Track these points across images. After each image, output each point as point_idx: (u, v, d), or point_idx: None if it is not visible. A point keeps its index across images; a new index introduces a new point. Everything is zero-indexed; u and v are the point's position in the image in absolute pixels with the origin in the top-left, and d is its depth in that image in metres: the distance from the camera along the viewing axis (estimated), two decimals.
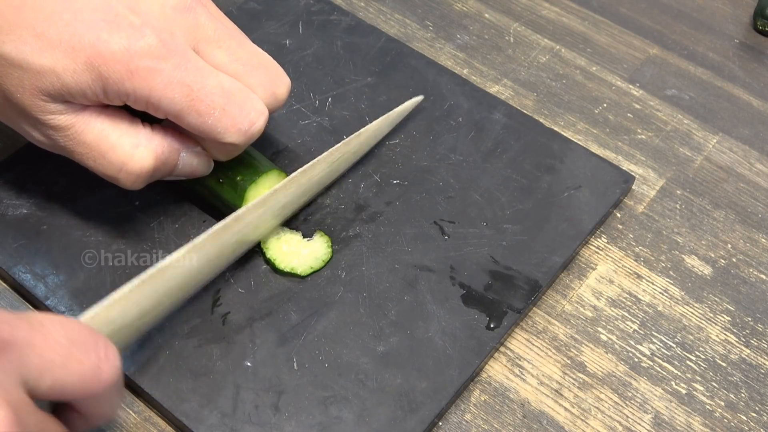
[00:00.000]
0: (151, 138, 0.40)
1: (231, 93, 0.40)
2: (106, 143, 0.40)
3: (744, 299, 0.48)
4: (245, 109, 0.41)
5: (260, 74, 0.42)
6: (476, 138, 0.52)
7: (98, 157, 0.40)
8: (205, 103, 0.39)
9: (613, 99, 0.57)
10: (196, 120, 0.39)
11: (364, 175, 0.50)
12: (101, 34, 0.37)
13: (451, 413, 0.42)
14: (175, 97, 0.38)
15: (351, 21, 0.58)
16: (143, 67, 0.37)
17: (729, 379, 0.44)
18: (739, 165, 0.54)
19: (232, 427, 0.39)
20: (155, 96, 0.38)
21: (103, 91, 0.38)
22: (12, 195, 0.47)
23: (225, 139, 0.41)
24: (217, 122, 0.40)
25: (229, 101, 0.40)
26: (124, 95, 0.38)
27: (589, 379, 0.44)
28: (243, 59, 0.42)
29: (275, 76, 0.43)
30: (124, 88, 0.38)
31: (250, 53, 0.42)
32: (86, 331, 0.33)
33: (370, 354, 0.42)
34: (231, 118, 0.40)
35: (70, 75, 0.37)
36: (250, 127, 0.41)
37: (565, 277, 0.48)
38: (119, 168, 0.40)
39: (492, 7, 0.63)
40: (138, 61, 0.37)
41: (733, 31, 0.63)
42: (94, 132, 0.40)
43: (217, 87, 0.40)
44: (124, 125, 0.40)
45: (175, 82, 0.38)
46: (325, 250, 0.45)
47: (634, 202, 0.51)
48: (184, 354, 0.41)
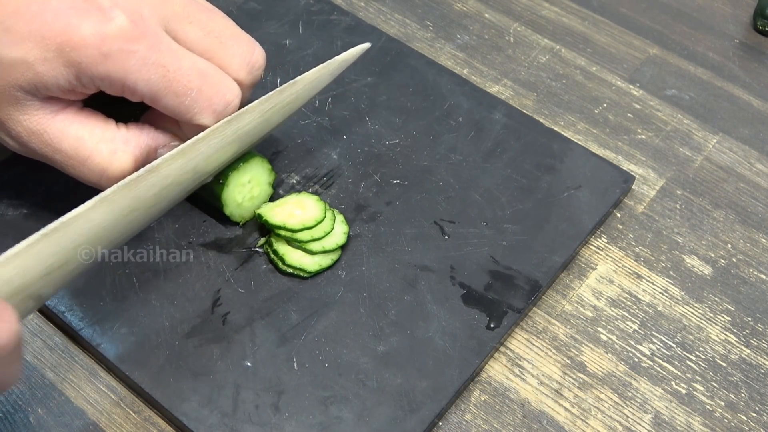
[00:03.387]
0: (127, 141, 0.40)
1: (206, 74, 0.40)
2: (84, 151, 0.40)
3: (744, 299, 0.48)
4: (221, 90, 0.40)
5: (235, 45, 0.42)
6: (476, 138, 0.52)
7: (78, 166, 0.40)
8: (182, 83, 0.39)
9: (613, 99, 0.57)
10: (173, 101, 0.39)
11: (364, 175, 0.50)
12: (71, 21, 0.37)
13: (451, 413, 0.42)
14: (152, 78, 0.38)
15: (351, 21, 0.58)
16: (116, 50, 0.37)
17: (729, 379, 0.44)
18: (739, 165, 0.54)
19: (232, 427, 0.39)
20: (131, 78, 0.38)
21: (77, 77, 0.37)
22: (12, 195, 0.47)
23: (200, 120, 0.40)
24: (194, 103, 0.40)
25: (205, 82, 0.40)
26: (98, 79, 0.38)
27: (589, 379, 0.44)
28: (216, 32, 0.41)
29: (250, 46, 0.43)
30: (98, 72, 0.37)
31: (222, 25, 0.42)
32: None
33: (370, 354, 0.42)
34: (207, 99, 0.40)
35: (42, 64, 0.37)
36: (225, 107, 0.41)
37: (565, 277, 0.48)
38: (100, 175, 0.40)
39: (492, 7, 0.63)
40: (111, 44, 0.37)
41: (733, 31, 0.63)
42: (70, 139, 0.39)
43: (193, 68, 0.39)
44: (99, 130, 0.40)
45: (150, 63, 0.38)
46: (343, 228, 0.46)
47: (634, 202, 0.52)
48: (184, 354, 0.41)
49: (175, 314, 0.43)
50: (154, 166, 0.39)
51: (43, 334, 0.43)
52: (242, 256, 0.45)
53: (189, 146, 0.40)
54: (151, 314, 0.43)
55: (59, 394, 0.41)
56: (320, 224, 0.45)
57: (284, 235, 0.44)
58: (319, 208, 0.45)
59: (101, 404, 0.41)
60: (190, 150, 0.41)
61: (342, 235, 0.45)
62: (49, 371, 0.42)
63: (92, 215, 0.37)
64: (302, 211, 0.45)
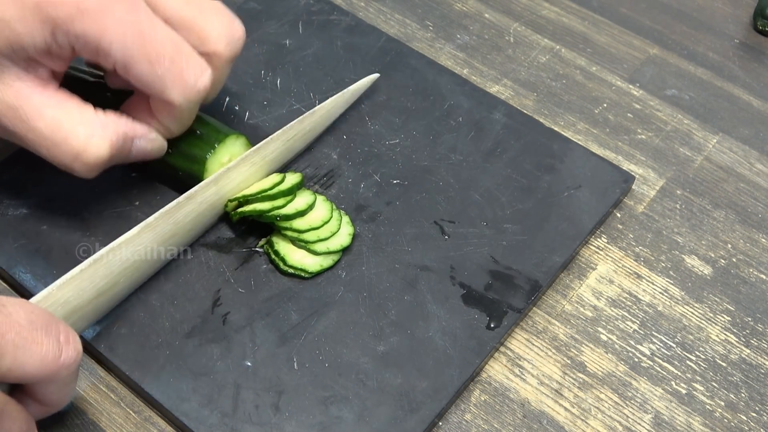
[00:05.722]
0: (105, 126, 0.40)
1: (179, 46, 0.40)
2: (60, 132, 0.39)
3: (744, 299, 0.48)
4: (191, 65, 0.40)
5: (214, 16, 0.42)
6: (476, 138, 0.52)
7: (52, 147, 0.40)
8: (156, 50, 0.39)
9: (613, 99, 0.57)
10: (146, 68, 0.39)
11: (364, 175, 0.50)
12: None
13: (451, 413, 0.42)
14: (127, 40, 0.38)
15: (351, 21, 0.58)
16: (94, 8, 0.37)
17: (729, 379, 0.44)
18: (739, 165, 0.54)
19: (233, 427, 0.39)
20: (107, 38, 0.38)
21: (52, 33, 0.37)
22: (12, 195, 0.47)
23: (170, 95, 0.40)
24: (166, 72, 0.39)
25: (178, 53, 0.40)
26: (73, 37, 0.38)
27: (589, 379, 0.44)
28: (195, 2, 0.42)
29: (230, 18, 0.43)
30: (74, 29, 0.37)
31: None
32: (47, 315, 0.33)
33: (371, 354, 0.42)
34: (179, 71, 0.40)
35: (19, 21, 0.37)
36: (195, 81, 0.40)
37: (565, 277, 0.48)
38: (74, 158, 0.40)
39: (492, 7, 0.63)
40: (89, 2, 0.37)
41: (733, 31, 0.63)
42: (47, 119, 0.39)
43: (167, 37, 0.40)
44: (77, 113, 0.40)
45: (127, 24, 0.38)
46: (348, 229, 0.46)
47: (634, 202, 0.52)
48: (185, 354, 0.41)
49: (175, 314, 0.43)
50: (191, 194, 0.42)
51: None
52: (242, 256, 0.45)
53: (221, 174, 0.43)
54: (151, 314, 0.43)
55: None
56: (327, 224, 0.45)
57: (291, 235, 0.44)
58: (326, 208, 0.45)
59: (101, 404, 0.41)
60: (222, 177, 0.43)
61: (347, 237, 0.45)
62: None
63: (137, 240, 0.40)
64: (280, 179, 0.46)
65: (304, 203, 0.45)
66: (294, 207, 0.44)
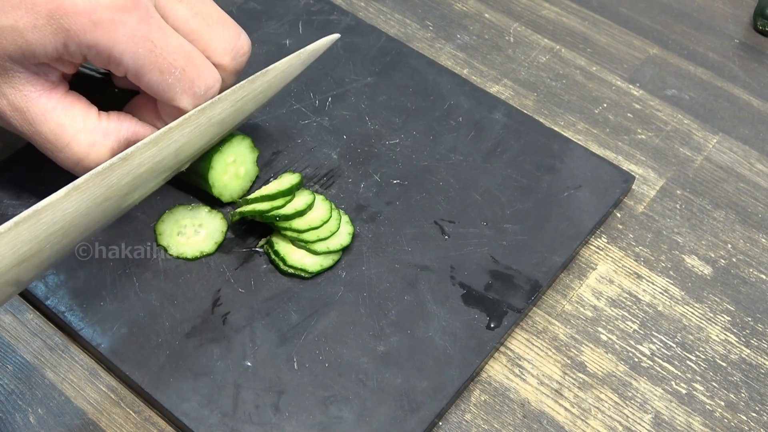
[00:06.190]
0: (107, 134, 0.41)
1: (191, 55, 0.40)
2: (63, 138, 0.40)
3: (744, 299, 0.48)
4: (203, 73, 0.41)
5: (221, 29, 0.42)
6: (476, 138, 0.52)
7: (55, 151, 0.41)
8: (168, 61, 0.39)
9: (613, 99, 0.57)
10: (156, 78, 0.39)
11: (364, 175, 0.50)
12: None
13: (451, 413, 0.42)
14: (138, 51, 0.38)
15: (351, 21, 0.58)
16: (107, 19, 0.37)
17: (729, 379, 0.44)
18: (739, 165, 0.54)
19: (233, 427, 0.39)
20: (118, 49, 0.38)
21: (65, 44, 0.38)
22: (12, 195, 0.47)
23: (180, 101, 0.41)
24: (177, 82, 0.40)
25: (189, 63, 0.40)
26: (86, 48, 0.38)
27: (589, 379, 0.44)
28: (204, 14, 0.42)
29: (236, 32, 0.43)
30: (86, 40, 0.37)
31: (211, 9, 0.42)
32: None
33: (371, 354, 0.42)
34: (189, 81, 0.40)
35: (32, 31, 0.37)
36: (206, 91, 0.41)
37: (565, 277, 0.48)
38: (76, 163, 0.41)
39: (492, 7, 0.63)
40: (101, 13, 0.37)
41: (733, 31, 0.63)
42: (52, 124, 0.40)
43: (179, 47, 0.40)
44: (81, 119, 0.40)
45: (138, 36, 0.38)
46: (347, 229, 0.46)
47: (634, 202, 0.52)
48: (185, 354, 0.41)
49: (175, 314, 0.43)
50: (127, 155, 0.39)
51: (43, 334, 0.43)
52: (242, 256, 0.45)
53: (162, 134, 0.40)
54: (151, 314, 0.43)
55: (59, 394, 0.41)
56: (326, 224, 0.45)
57: (290, 235, 0.44)
58: (325, 208, 0.45)
59: (101, 404, 0.41)
60: (163, 138, 0.40)
61: (347, 236, 0.45)
62: (49, 371, 0.42)
63: (65, 204, 0.36)
64: (279, 182, 0.46)
65: (303, 203, 0.45)
66: (293, 207, 0.45)
